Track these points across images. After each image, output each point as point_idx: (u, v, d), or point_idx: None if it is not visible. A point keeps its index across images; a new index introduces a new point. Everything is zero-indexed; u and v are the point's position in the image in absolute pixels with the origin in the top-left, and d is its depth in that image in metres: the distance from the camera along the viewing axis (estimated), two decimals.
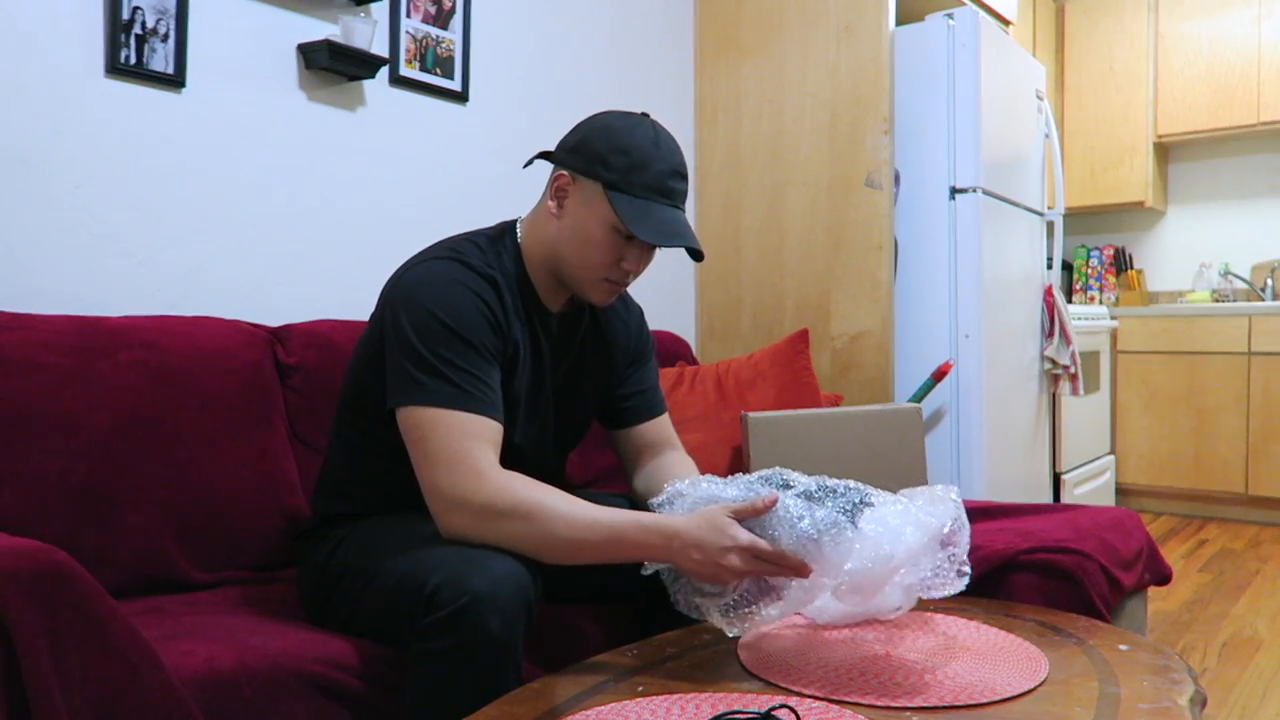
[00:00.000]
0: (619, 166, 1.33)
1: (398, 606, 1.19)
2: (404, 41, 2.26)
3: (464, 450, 1.23)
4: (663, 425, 1.62)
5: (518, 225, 1.47)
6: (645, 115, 1.40)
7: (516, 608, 1.14)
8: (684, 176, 1.39)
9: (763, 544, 1.17)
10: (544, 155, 1.45)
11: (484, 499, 1.21)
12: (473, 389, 1.27)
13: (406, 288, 1.33)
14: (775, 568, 1.17)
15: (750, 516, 1.19)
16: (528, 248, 1.43)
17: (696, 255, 1.39)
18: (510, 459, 1.34)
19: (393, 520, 1.37)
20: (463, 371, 1.27)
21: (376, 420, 1.35)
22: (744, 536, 1.17)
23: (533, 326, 1.43)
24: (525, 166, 1.54)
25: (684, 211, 1.39)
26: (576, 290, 1.43)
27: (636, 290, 2.88)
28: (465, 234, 1.44)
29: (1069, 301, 4.92)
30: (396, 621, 1.20)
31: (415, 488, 1.28)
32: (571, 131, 1.42)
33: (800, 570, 1.17)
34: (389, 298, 1.36)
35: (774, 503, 1.18)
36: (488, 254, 1.40)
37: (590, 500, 1.29)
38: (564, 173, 1.38)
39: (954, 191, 2.86)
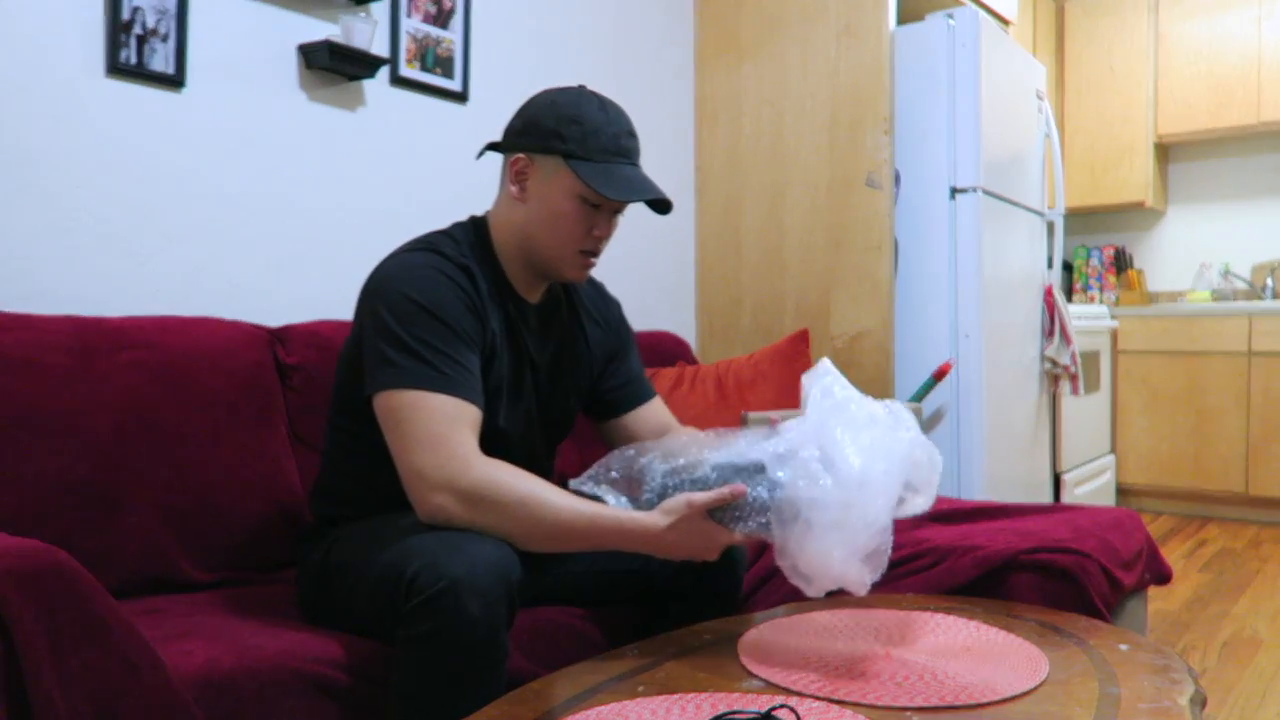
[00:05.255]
0: (574, 136, 1.35)
1: (382, 596, 1.20)
2: (404, 41, 2.26)
3: (447, 434, 1.23)
4: (658, 408, 1.63)
5: (486, 219, 1.47)
6: (583, 87, 1.43)
7: (496, 591, 1.14)
8: (635, 135, 1.42)
9: (737, 537, 1.25)
10: (492, 146, 1.46)
11: (470, 484, 1.22)
12: (452, 372, 1.27)
13: (382, 279, 1.34)
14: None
15: (719, 503, 1.24)
16: (498, 239, 1.44)
17: (664, 208, 1.41)
18: (496, 445, 1.34)
19: (385, 517, 1.37)
20: (442, 355, 1.27)
21: (362, 420, 1.35)
22: (726, 539, 1.26)
23: (509, 316, 1.43)
24: (478, 158, 1.53)
25: (641, 169, 1.42)
26: (551, 271, 1.43)
27: (636, 288, 2.89)
28: (436, 230, 1.45)
29: (1069, 301, 4.92)
30: (382, 611, 1.20)
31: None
32: (515, 116, 1.42)
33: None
34: (366, 292, 1.36)
35: (741, 493, 1.23)
36: (461, 245, 1.40)
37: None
38: (520, 155, 1.39)
39: (954, 191, 2.86)
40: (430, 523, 1.24)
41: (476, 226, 1.46)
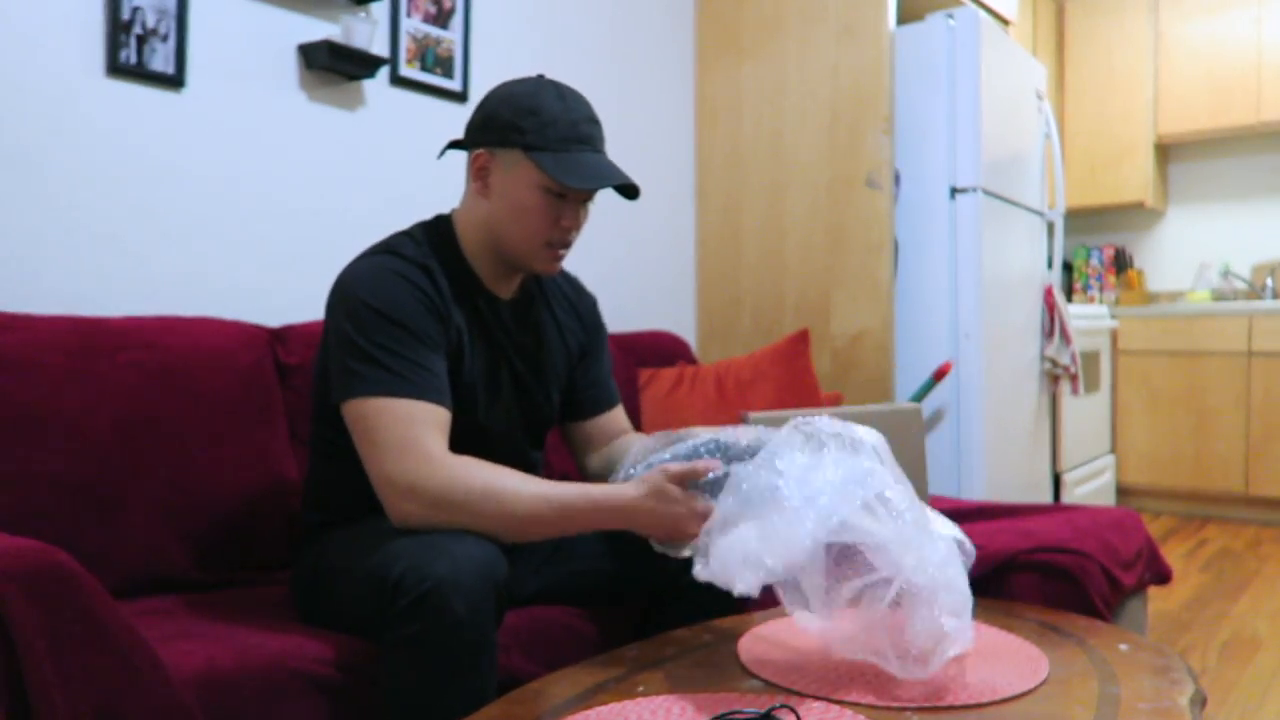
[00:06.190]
0: (531, 127, 1.34)
1: (370, 599, 1.19)
2: (404, 41, 2.26)
3: (412, 437, 1.23)
4: (618, 416, 1.63)
5: (452, 217, 1.47)
6: (541, 76, 1.41)
7: (482, 589, 1.14)
8: (597, 122, 1.39)
9: (711, 505, 1.22)
10: (454, 144, 1.46)
11: (436, 485, 1.22)
12: (414, 376, 1.27)
13: (341, 287, 1.34)
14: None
15: (690, 478, 1.24)
16: (464, 236, 1.43)
17: (631, 193, 1.40)
18: (479, 443, 1.34)
19: (371, 521, 1.37)
20: (403, 359, 1.27)
21: (339, 427, 1.34)
22: (698, 506, 1.23)
23: (478, 312, 1.42)
24: (439, 157, 1.53)
25: (605, 155, 1.40)
26: (522, 265, 1.43)
27: (636, 288, 2.89)
28: (399, 231, 1.44)
29: (1069, 301, 4.92)
30: (371, 614, 1.20)
31: None
32: (475, 112, 1.41)
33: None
34: (328, 300, 1.36)
35: (710, 467, 1.22)
36: (422, 245, 1.39)
37: None
38: (480, 151, 1.38)
39: (954, 191, 2.86)
40: (403, 528, 1.24)
41: (439, 224, 1.45)
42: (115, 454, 1.50)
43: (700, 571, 1.15)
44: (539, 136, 1.33)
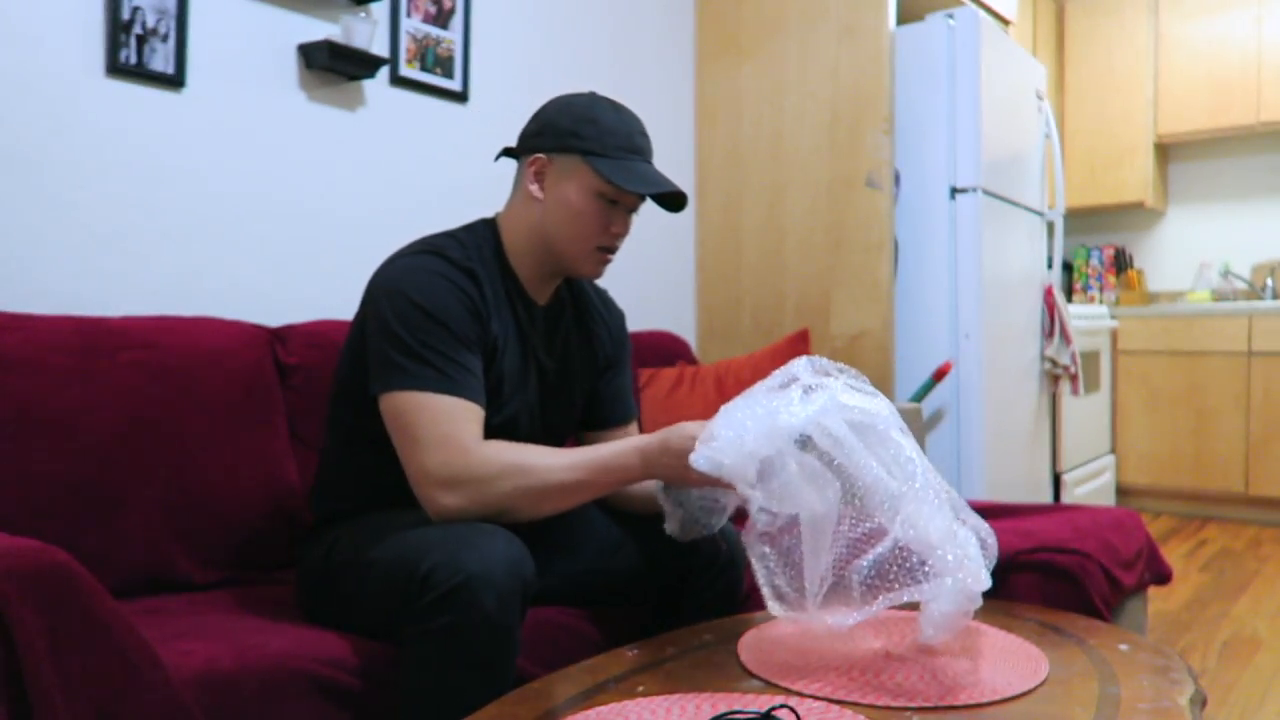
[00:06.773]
0: (590, 135, 1.39)
1: (393, 592, 1.20)
2: (404, 41, 2.26)
3: (450, 432, 1.27)
4: (632, 433, 1.65)
5: (497, 221, 1.49)
6: (593, 92, 1.46)
7: (511, 586, 1.16)
8: (647, 136, 1.45)
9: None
10: (507, 152, 1.49)
11: (473, 472, 1.25)
12: (456, 374, 1.30)
13: (387, 281, 1.36)
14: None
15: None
16: (510, 240, 1.46)
17: (678, 204, 1.43)
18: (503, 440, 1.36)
19: (386, 514, 1.38)
20: (445, 357, 1.30)
21: (364, 413, 1.37)
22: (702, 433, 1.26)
23: (517, 315, 1.45)
24: (495, 160, 1.55)
25: (655, 166, 1.45)
26: (569, 268, 1.45)
27: (636, 288, 2.89)
28: (443, 232, 1.46)
29: (1069, 301, 4.92)
30: (392, 608, 1.20)
31: (406, 481, 1.30)
32: (531, 121, 1.46)
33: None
34: (370, 292, 1.39)
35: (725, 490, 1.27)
36: (468, 248, 1.42)
37: None
38: (539, 155, 1.42)
39: (954, 191, 2.86)
40: (440, 520, 1.26)
41: (486, 228, 1.48)
42: (115, 454, 1.50)
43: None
44: (598, 143, 1.38)
